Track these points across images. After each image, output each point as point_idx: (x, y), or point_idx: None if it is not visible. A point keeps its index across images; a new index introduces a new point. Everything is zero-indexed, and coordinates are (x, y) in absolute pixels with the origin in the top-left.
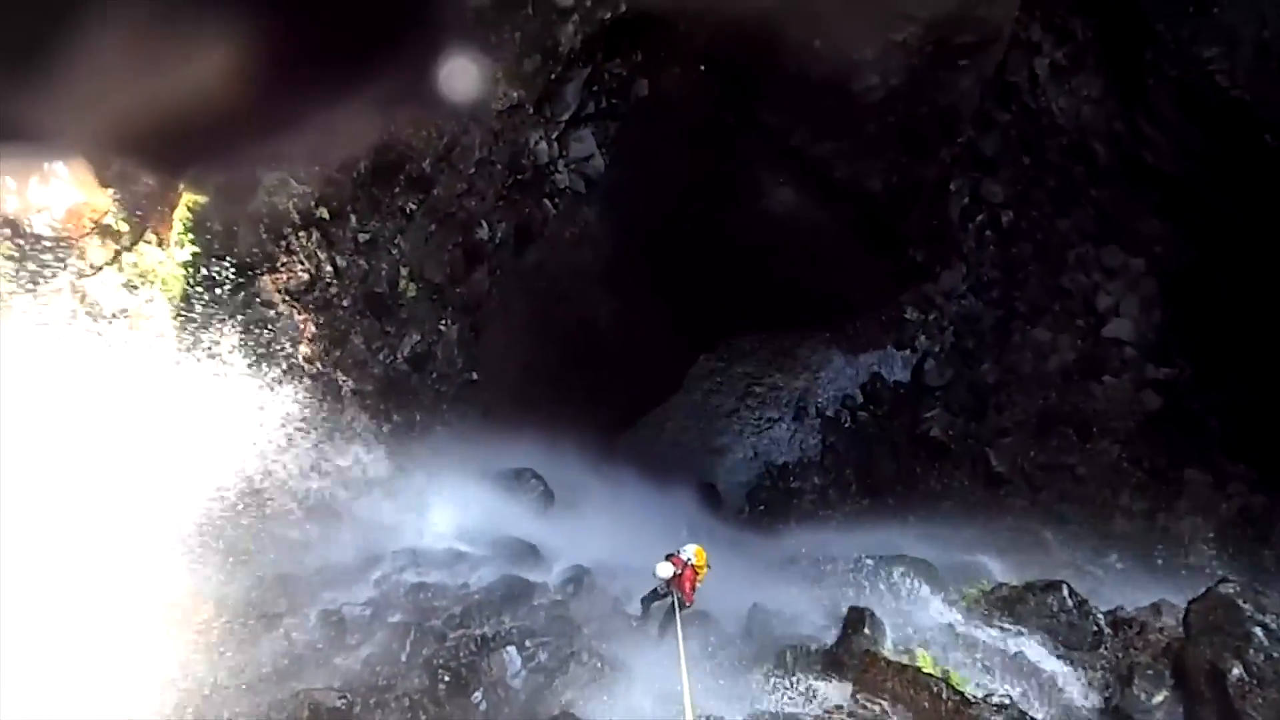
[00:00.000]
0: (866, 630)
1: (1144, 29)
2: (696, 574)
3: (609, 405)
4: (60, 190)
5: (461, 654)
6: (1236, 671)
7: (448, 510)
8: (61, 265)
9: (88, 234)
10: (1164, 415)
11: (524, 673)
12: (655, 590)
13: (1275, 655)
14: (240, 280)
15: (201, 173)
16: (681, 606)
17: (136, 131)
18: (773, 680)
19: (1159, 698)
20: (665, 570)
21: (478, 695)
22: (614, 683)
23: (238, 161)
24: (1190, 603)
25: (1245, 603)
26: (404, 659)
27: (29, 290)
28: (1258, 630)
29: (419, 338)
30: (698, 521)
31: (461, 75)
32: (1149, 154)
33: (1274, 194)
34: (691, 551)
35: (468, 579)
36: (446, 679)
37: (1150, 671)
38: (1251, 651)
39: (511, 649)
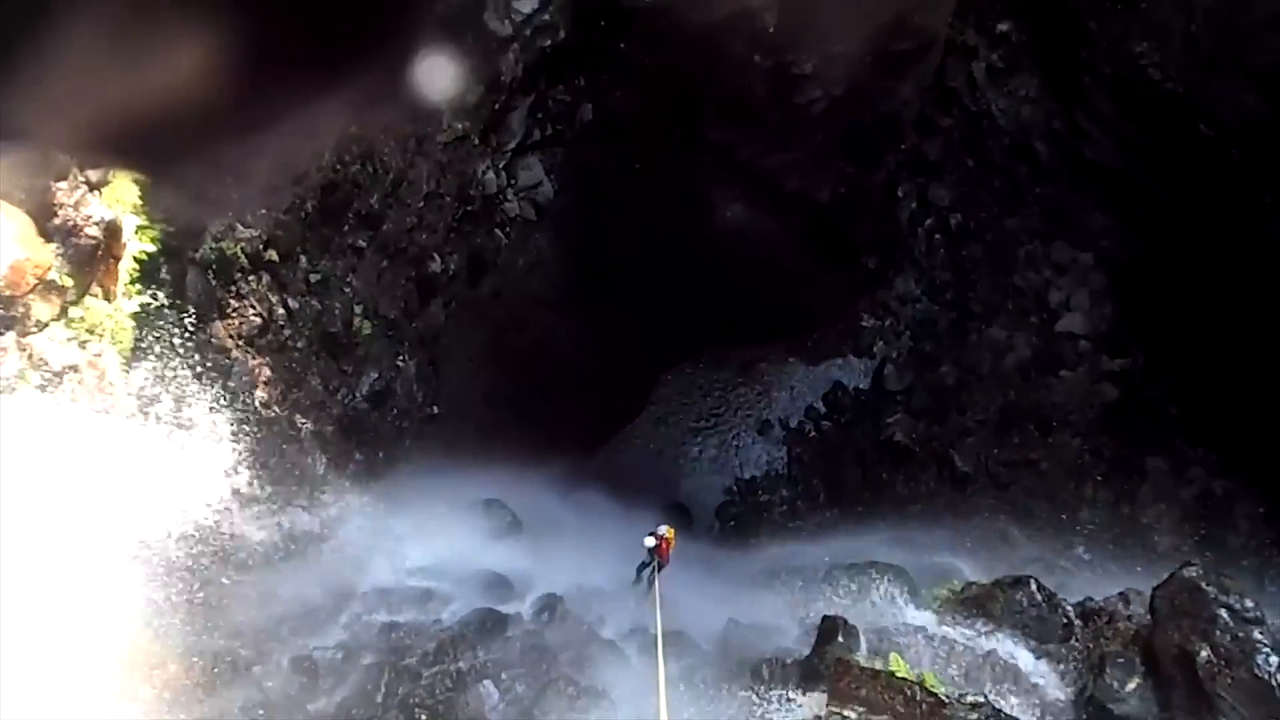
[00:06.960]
0: (840, 638)
1: (1076, 27)
2: (669, 544)
3: (573, 430)
4: (1, 247)
5: (438, 691)
6: (1205, 654)
7: (416, 546)
8: (6, 324)
9: (31, 290)
10: (1122, 405)
11: (502, 705)
12: (644, 561)
13: (1241, 635)
14: (191, 328)
15: (180, 171)
16: (660, 567)
17: (114, 129)
18: (750, 695)
19: (1131, 684)
20: (650, 542)
21: None
22: (592, 710)
23: (216, 159)
24: (1155, 589)
25: (1209, 585)
26: (379, 700)
27: None
28: (1222, 612)
29: (377, 375)
30: None
31: (432, 77)
32: (1089, 150)
33: (1212, 182)
34: (664, 530)
35: (440, 615)
36: (424, 717)
37: (1121, 660)
38: (1218, 633)
39: (488, 683)
